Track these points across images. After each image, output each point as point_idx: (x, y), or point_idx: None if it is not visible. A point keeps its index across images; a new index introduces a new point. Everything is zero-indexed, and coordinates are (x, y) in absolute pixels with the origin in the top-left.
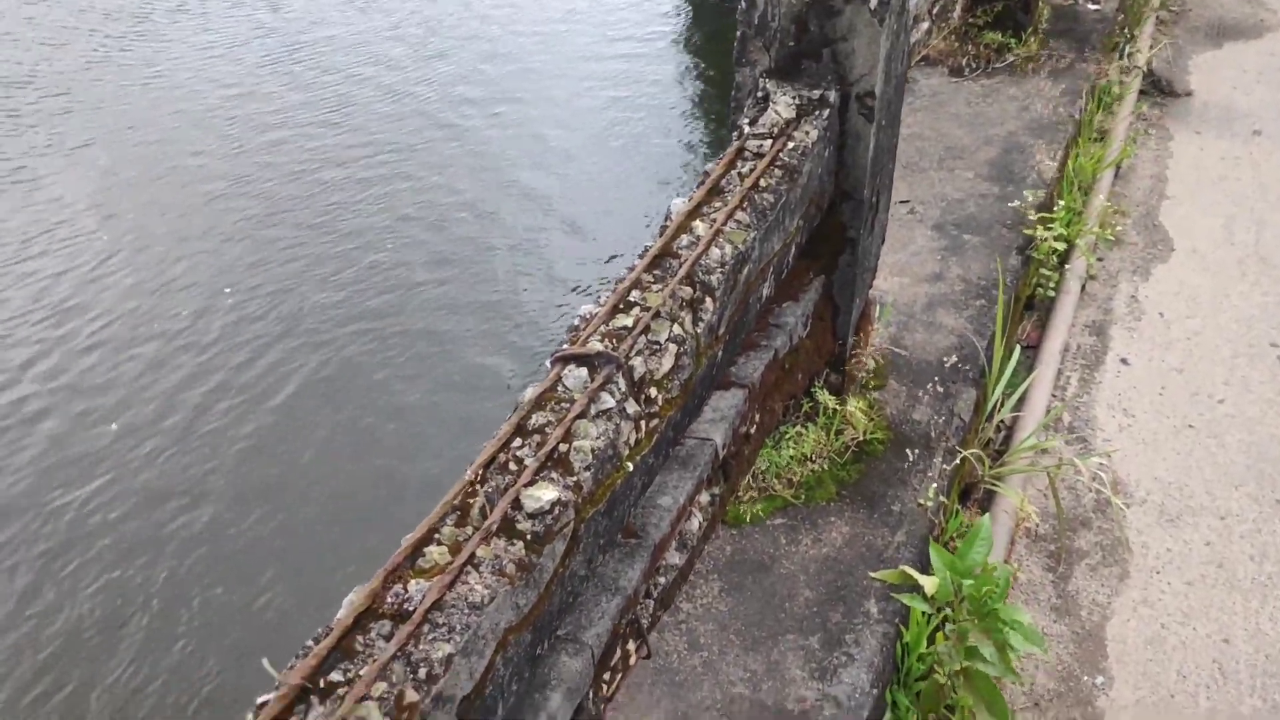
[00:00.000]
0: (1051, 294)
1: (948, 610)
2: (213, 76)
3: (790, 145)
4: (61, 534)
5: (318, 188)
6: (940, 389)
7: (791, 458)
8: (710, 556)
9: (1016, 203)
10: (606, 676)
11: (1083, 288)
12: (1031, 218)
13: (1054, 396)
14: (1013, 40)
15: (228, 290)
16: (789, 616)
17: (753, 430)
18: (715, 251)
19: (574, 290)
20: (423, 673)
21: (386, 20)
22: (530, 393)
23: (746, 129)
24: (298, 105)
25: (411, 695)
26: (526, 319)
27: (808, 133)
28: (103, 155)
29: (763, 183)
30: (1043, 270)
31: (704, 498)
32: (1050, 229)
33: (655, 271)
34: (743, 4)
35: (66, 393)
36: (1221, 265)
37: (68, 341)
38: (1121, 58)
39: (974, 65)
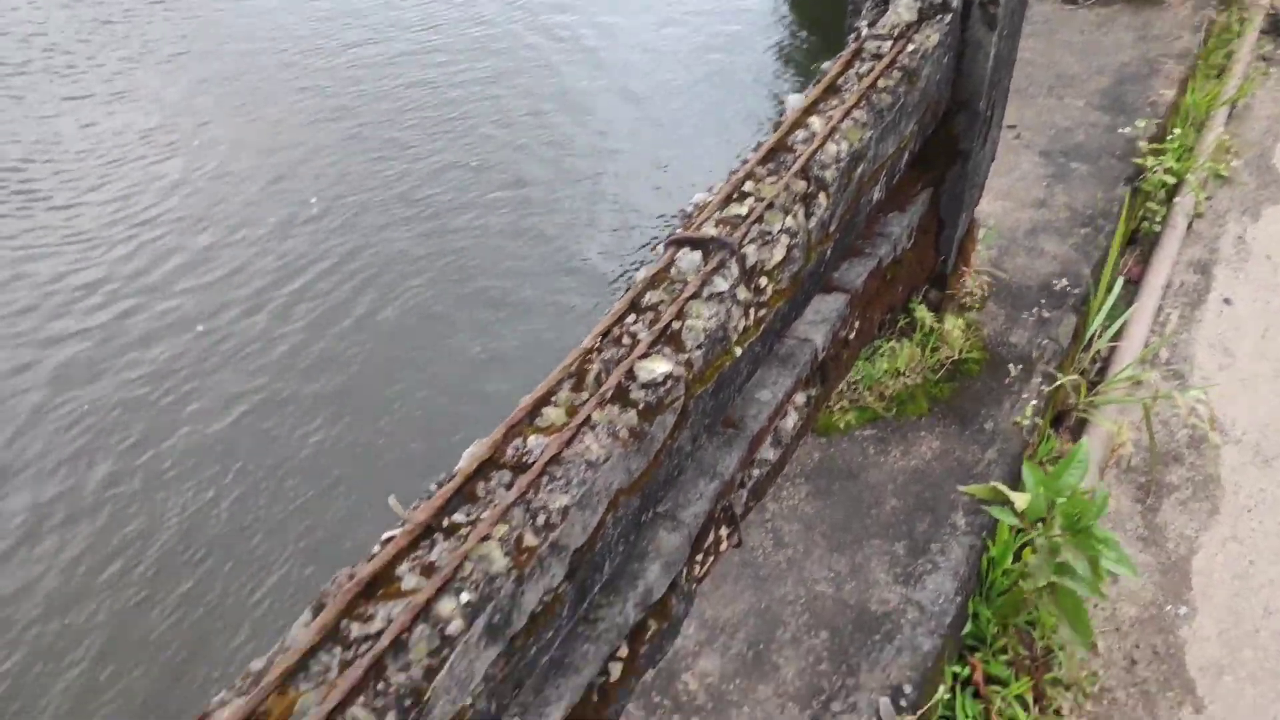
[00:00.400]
0: (1157, 229)
1: (1036, 529)
2: None
3: (910, 48)
4: (143, 428)
5: (406, 107)
6: (1040, 314)
7: (885, 371)
8: (798, 462)
9: (1128, 130)
10: (700, 557)
11: (1189, 225)
12: (1143, 148)
13: (1153, 332)
14: None
15: (313, 200)
16: (875, 523)
17: (851, 336)
18: (831, 147)
19: (654, 217)
20: (541, 520)
21: None
22: (644, 273)
23: (865, 31)
24: (389, 25)
25: (530, 539)
26: (603, 242)
27: (928, 36)
28: (197, 65)
29: (880, 83)
30: (1149, 204)
31: (800, 398)
32: (1161, 160)
33: (769, 165)
34: None
35: (155, 294)
36: None
37: (156, 244)
38: None
39: None
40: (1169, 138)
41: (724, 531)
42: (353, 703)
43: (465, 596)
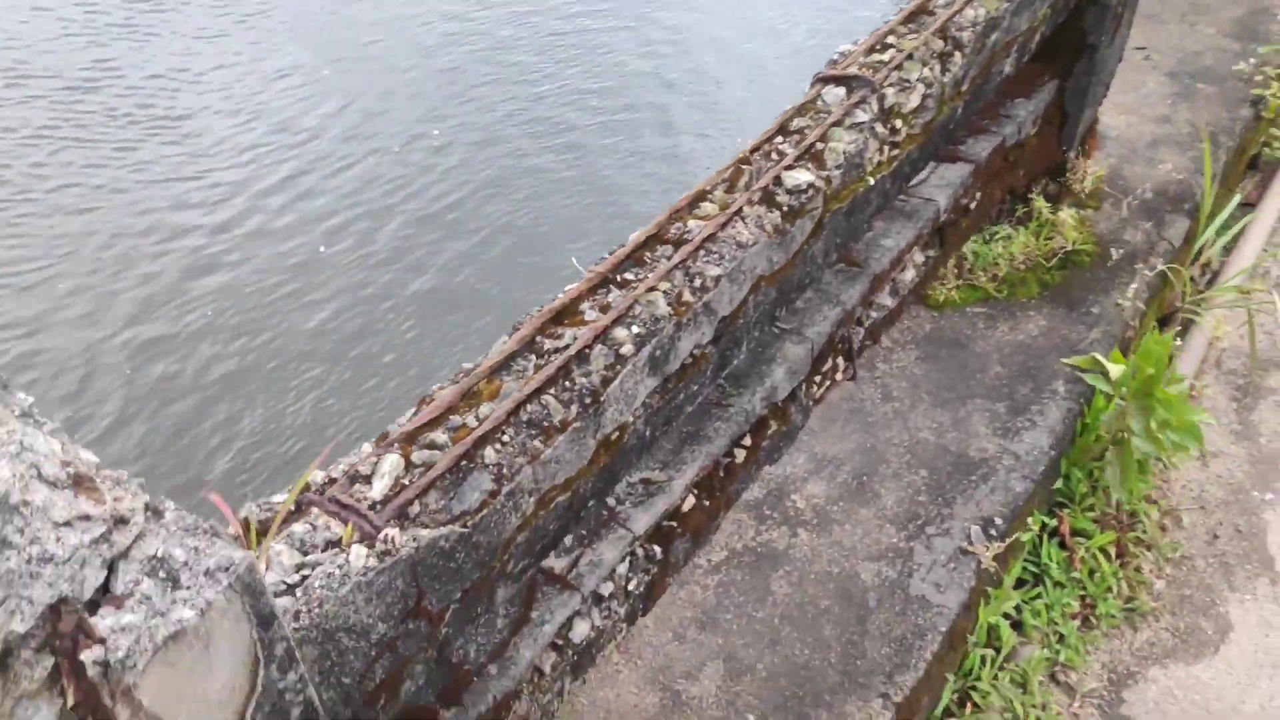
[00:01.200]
0: (1278, 155)
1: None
2: None
3: None
4: (281, 327)
5: (522, 53)
6: (1154, 217)
7: (999, 255)
8: (910, 330)
9: (1253, 54)
10: (818, 379)
11: None
12: (1268, 73)
13: (1265, 251)
14: None
15: (436, 132)
16: (979, 385)
17: (972, 206)
18: (969, 12)
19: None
20: (697, 283)
21: None
22: (791, 106)
23: None
24: None
25: (688, 296)
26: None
27: None
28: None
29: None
30: (1272, 130)
31: (919, 257)
32: None
33: (911, 24)
34: None
35: (294, 204)
36: None
37: (297, 162)
38: None
39: None
40: None
41: (840, 363)
42: (545, 392)
43: (635, 329)
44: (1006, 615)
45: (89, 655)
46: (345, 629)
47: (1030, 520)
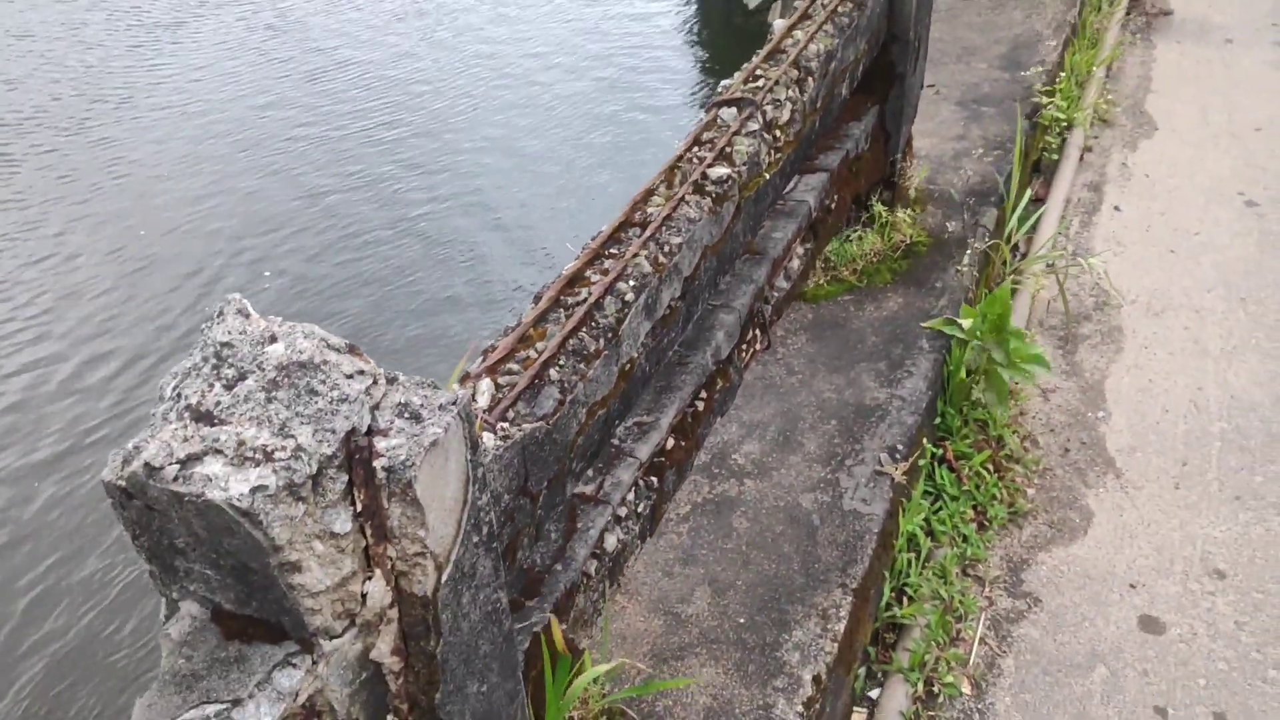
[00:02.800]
0: (1055, 158)
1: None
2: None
3: None
4: None
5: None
6: (967, 210)
7: (855, 252)
8: (797, 320)
9: (1025, 73)
10: (744, 346)
11: (1081, 156)
12: (1037, 89)
13: (1060, 234)
14: None
15: (266, 273)
16: (861, 353)
17: (833, 206)
18: (813, 47)
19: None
20: (665, 250)
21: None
22: (696, 126)
23: None
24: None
25: (662, 259)
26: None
27: None
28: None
29: (839, 9)
30: (1047, 137)
31: (799, 249)
32: (1053, 100)
33: (770, 61)
34: None
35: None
36: (1198, 140)
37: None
38: None
39: None
40: (1056, 82)
41: (758, 334)
42: (579, 331)
43: (632, 282)
44: (920, 526)
45: (379, 463)
46: (487, 492)
47: (921, 450)
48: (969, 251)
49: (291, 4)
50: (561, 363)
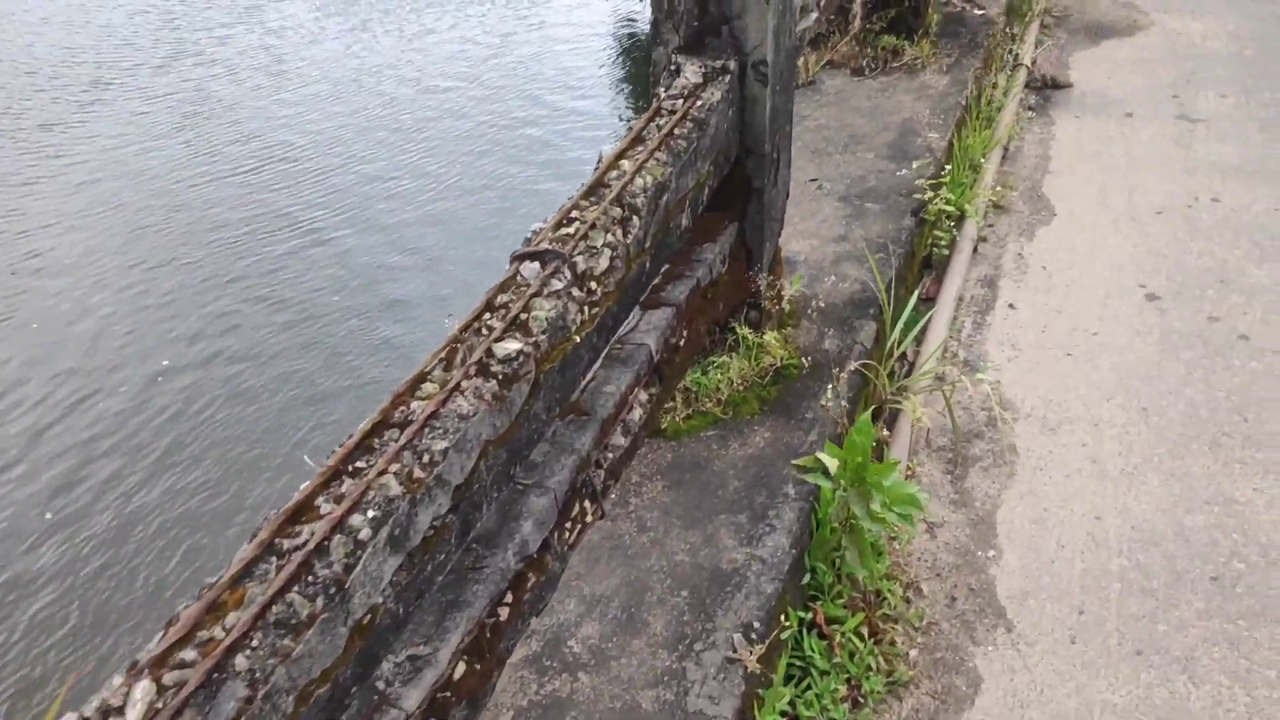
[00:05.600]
0: (946, 253)
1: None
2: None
3: (699, 103)
4: None
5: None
6: (845, 325)
7: (719, 381)
8: (653, 463)
9: (906, 171)
10: (569, 525)
11: (974, 248)
12: (921, 184)
13: (951, 337)
14: (906, 43)
15: (166, 362)
16: (721, 501)
17: (681, 343)
18: (639, 180)
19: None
20: (426, 459)
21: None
22: (494, 285)
23: (663, 94)
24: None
25: (419, 473)
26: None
27: (713, 94)
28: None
29: (677, 131)
30: (936, 232)
31: (642, 396)
32: (939, 194)
33: (591, 198)
34: None
35: None
36: (1097, 225)
37: None
38: (1007, 56)
39: (873, 66)
40: (944, 173)
41: (588, 505)
42: (289, 591)
43: (371, 513)
44: (783, 713)
45: None
46: None
47: (786, 618)
48: (843, 374)
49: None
50: (256, 642)
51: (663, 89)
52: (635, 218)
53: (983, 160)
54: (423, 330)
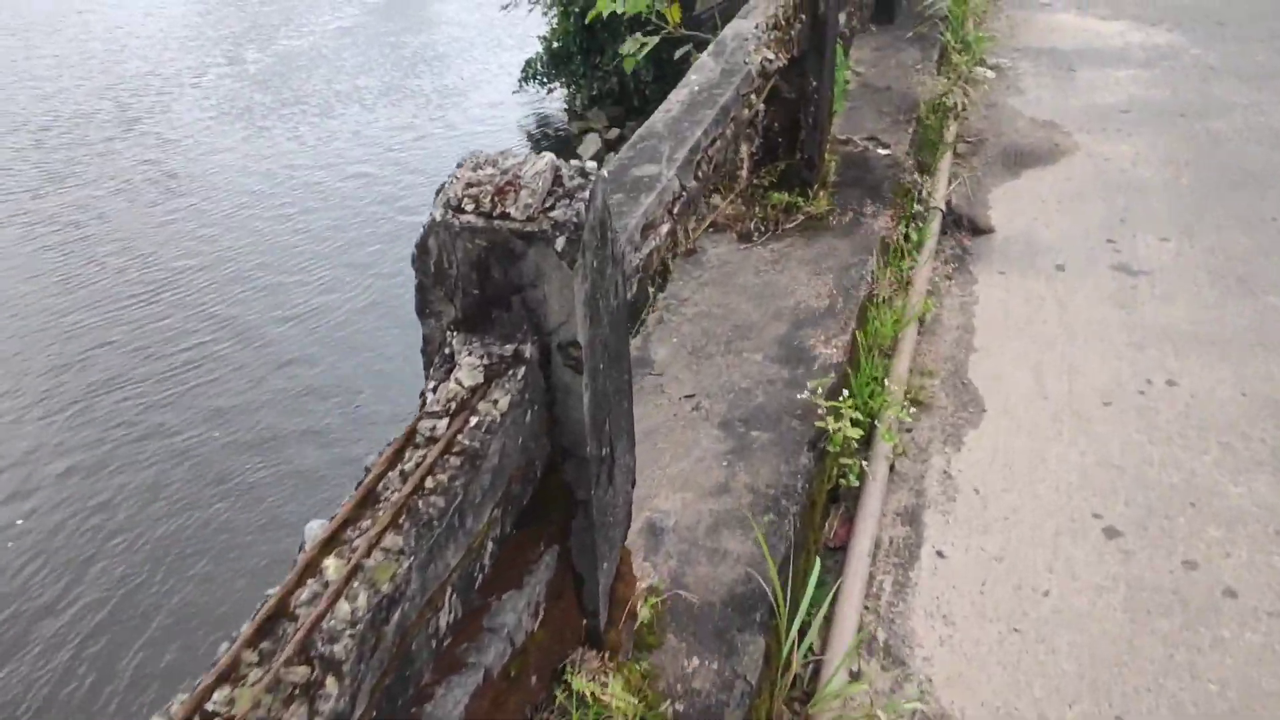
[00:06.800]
0: (856, 483)
1: None
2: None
3: (473, 423)
4: None
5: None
6: (724, 641)
7: None
8: None
9: (805, 394)
10: None
11: (891, 467)
12: (822, 406)
13: (867, 608)
14: (800, 198)
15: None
16: None
17: None
18: (345, 606)
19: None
20: None
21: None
22: None
23: (430, 398)
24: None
25: None
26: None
27: (496, 401)
28: None
29: (430, 482)
30: (843, 460)
31: None
32: (842, 418)
33: (264, 644)
34: (414, 249)
35: None
36: (1036, 424)
37: None
38: (917, 201)
39: (762, 229)
40: (853, 382)
41: None
42: None
43: None
44: None
45: None
46: None
47: None
48: None
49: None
50: None
51: (430, 389)
52: (331, 677)
53: (894, 342)
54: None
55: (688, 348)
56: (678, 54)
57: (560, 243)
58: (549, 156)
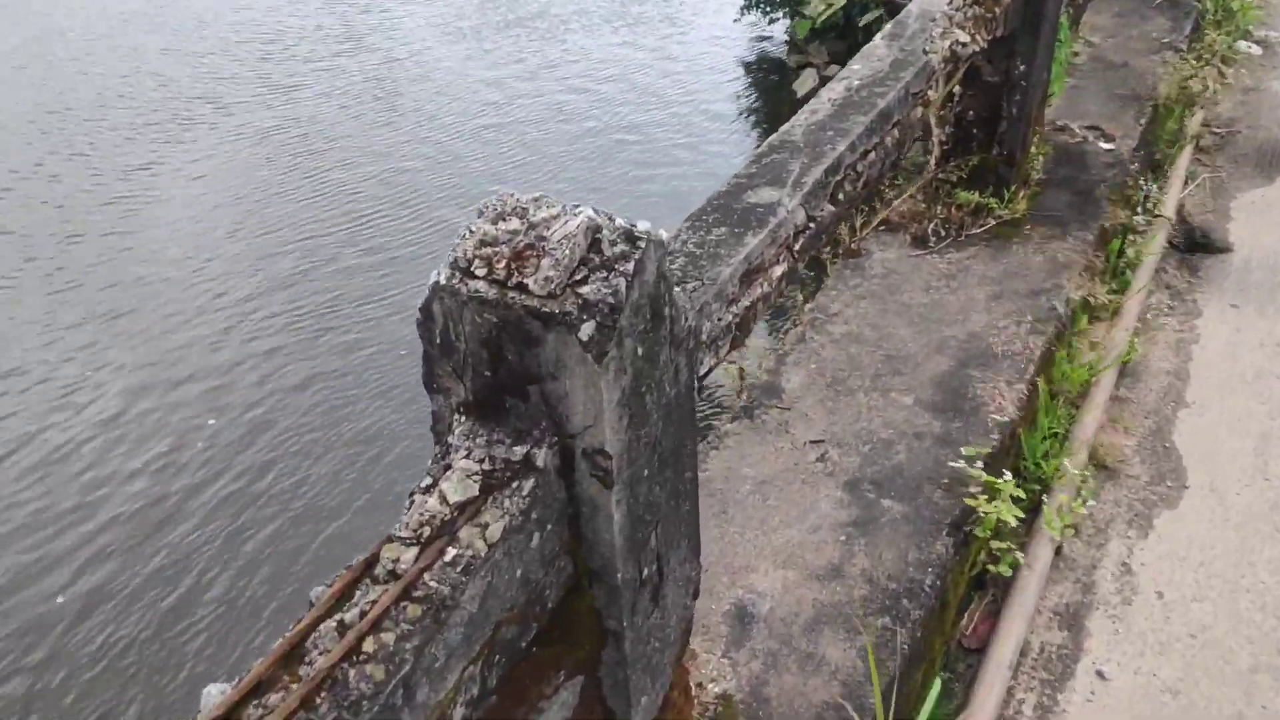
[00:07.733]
0: (1008, 572)
1: None
2: None
3: (449, 556)
4: None
5: None
6: None
7: None
8: None
9: (960, 463)
10: None
11: (1058, 549)
12: (976, 479)
13: None
14: (993, 200)
15: None
16: None
17: None
18: None
19: None
20: None
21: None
22: None
23: (405, 515)
24: None
25: None
26: None
27: (485, 527)
28: None
29: (370, 644)
30: (994, 543)
31: None
32: (1000, 498)
33: None
34: (419, 313)
35: None
36: (1249, 514)
37: None
38: (1141, 208)
39: (942, 233)
40: (1019, 449)
41: None
42: None
43: None
44: None
45: None
46: None
47: None
48: None
49: None
50: None
51: (421, 486)
52: None
53: (1087, 390)
54: None
55: (826, 378)
56: (861, 20)
57: (587, 330)
58: (586, 213)
